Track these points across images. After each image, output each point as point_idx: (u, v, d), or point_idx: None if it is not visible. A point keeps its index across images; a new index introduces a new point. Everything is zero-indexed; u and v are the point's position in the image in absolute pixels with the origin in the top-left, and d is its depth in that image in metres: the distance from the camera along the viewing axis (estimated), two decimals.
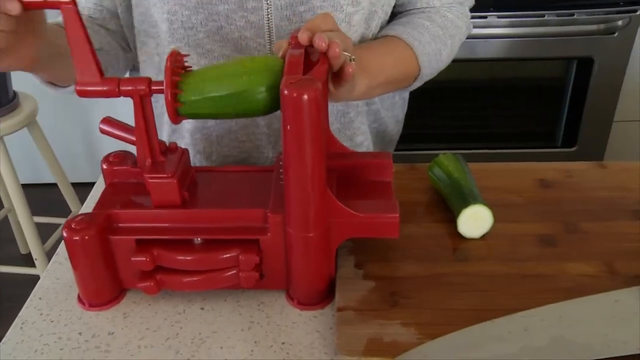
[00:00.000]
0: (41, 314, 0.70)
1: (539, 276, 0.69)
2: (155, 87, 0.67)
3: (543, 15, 1.86)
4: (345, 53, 0.69)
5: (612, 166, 0.88)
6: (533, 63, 2.01)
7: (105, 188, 0.75)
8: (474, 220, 0.74)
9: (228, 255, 0.68)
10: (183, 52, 0.86)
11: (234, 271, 0.68)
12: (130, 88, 0.67)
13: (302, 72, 0.62)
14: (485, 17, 1.85)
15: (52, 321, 0.69)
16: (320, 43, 0.63)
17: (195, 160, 0.96)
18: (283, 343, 0.66)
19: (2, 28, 0.61)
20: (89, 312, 0.70)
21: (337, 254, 0.73)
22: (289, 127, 0.60)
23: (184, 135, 0.96)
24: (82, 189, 0.93)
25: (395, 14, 0.98)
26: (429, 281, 0.69)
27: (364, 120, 0.98)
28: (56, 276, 0.75)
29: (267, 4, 0.82)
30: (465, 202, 0.74)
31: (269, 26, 0.83)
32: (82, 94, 0.67)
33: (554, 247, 0.73)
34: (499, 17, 1.85)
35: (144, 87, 0.67)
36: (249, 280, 0.68)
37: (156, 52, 0.90)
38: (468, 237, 0.75)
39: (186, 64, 0.69)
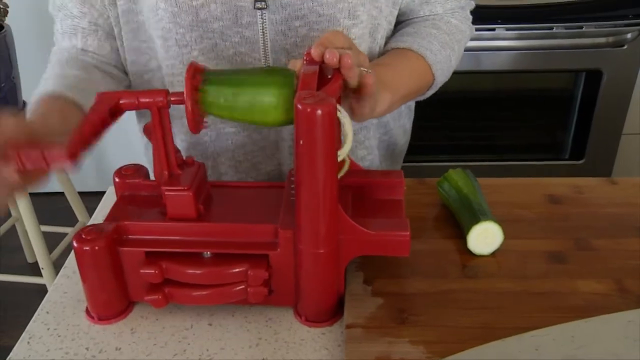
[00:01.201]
0: (48, 329, 0.70)
1: (549, 293, 0.69)
2: (174, 98, 0.67)
3: (552, 28, 1.86)
4: (362, 68, 0.69)
5: (622, 182, 0.87)
6: (541, 75, 2.01)
7: (117, 200, 0.75)
8: (484, 237, 0.74)
9: (237, 270, 0.68)
10: (176, 70, 0.87)
11: (243, 286, 0.68)
12: (148, 100, 0.67)
13: (316, 88, 0.62)
14: (493, 29, 1.85)
15: (59, 336, 0.69)
16: (331, 57, 0.63)
17: None
18: None
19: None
20: (96, 327, 0.70)
21: (346, 270, 0.72)
22: (301, 142, 0.59)
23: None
24: (89, 198, 0.93)
25: (397, 23, 0.98)
26: (437, 298, 0.69)
27: (369, 135, 0.98)
28: (64, 290, 0.75)
29: (262, 19, 0.82)
30: (475, 219, 0.74)
31: (264, 41, 0.83)
32: (100, 102, 0.67)
33: (564, 264, 0.73)
34: (507, 29, 1.85)
35: (161, 99, 0.67)
36: (257, 296, 0.68)
37: (148, 69, 0.90)
38: (477, 253, 0.74)
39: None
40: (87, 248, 0.67)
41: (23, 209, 1.76)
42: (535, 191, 0.86)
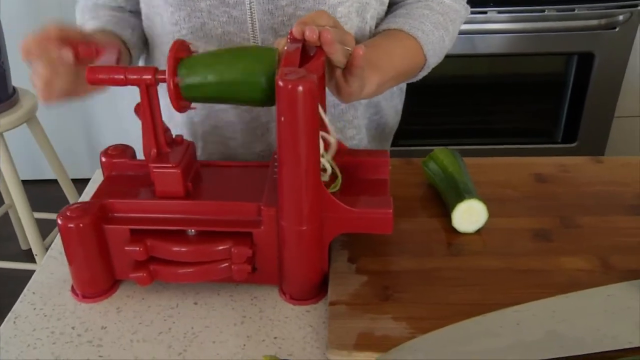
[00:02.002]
0: (34, 309, 0.70)
1: (533, 271, 0.69)
2: (160, 76, 0.67)
3: (543, 11, 1.85)
4: (347, 48, 0.69)
5: (608, 161, 0.87)
6: (533, 58, 2.01)
7: (104, 180, 0.75)
8: (469, 215, 0.74)
9: (221, 247, 0.68)
10: (166, 43, 0.87)
11: (227, 264, 0.68)
12: (136, 77, 0.67)
13: (298, 65, 0.62)
14: (485, 12, 1.84)
15: (45, 315, 0.69)
16: (311, 34, 0.63)
17: None
18: (275, 338, 0.65)
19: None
20: (82, 306, 0.70)
21: (330, 248, 0.73)
22: (283, 118, 0.59)
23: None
24: (83, 185, 0.94)
25: (392, 4, 0.98)
26: (422, 276, 0.69)
27: (357, 115, 0.98)
28: (50, 271, 0.75)
29: None
30: (460, 197, 0.74)
31: (252, 21, 0.83)
32: (92, 80, 0.67)
33: (549, 242, 0.73)
34: (499, 12, 1.84)
35: (150, 77, 0.66)
36: (241, 273, 0.68)
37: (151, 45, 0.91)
38: (462, 231, 0.75)
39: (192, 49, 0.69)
40: (72, 225, 0.67)
41: (16, 196, 1.76)
42: (522, 170, 0.86)
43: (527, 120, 2.11)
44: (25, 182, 1.84)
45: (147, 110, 0.68)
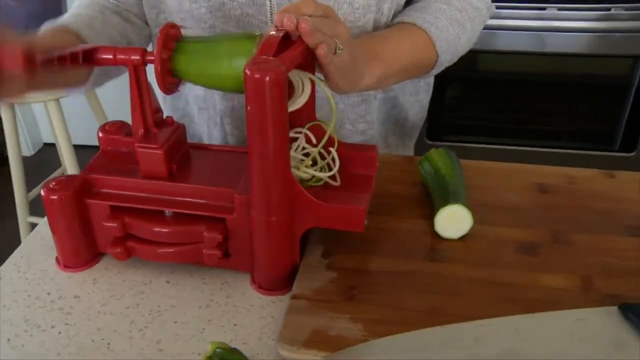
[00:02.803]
0: (19, 271, 0.73)
1: (509, 285, 0.66)
2: (149, 58, 0.67)
3: (609, 9, 1.75)
4: (337, 41, 0.67)
5: (621, 176, 0.82)
6: (596, 60, 1.91)
7: (97, 154, 0.77)
8: (453, 221, 0.71)
9: (194, 230, 0.69)
10: (187, 24, 0.88)
11: (199, 247, 0.69)
12: (124, 57, 0.68)
13: (276, 54, 0.62)
14: (543, 8, 1.76)
15: (26, 279, 0.72)
16: (288, 23, 0.62)
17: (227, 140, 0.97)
18: (235, 325, 0.66)
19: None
20: (62, 274, 0.73)
21: (307, 241, 0.72)
22: (249, 107, 0.59)
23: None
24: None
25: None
26: (393, 278, 0.68)
27: (370, 109, 0.96)
28: (41, 236, 0.78)
29: None
30: (445, 201, 0.72)
31: (270, 3, 0.82)
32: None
33: (534, 256, 0.70)
34: (559, 9, 1.76)
35: (138, 57, 0.67)
36: (211, 258, 0.69)
37: (157, 24, 0.91)
38: (445, 237, 0.72)
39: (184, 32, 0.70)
40: (54, 197, 0.69)
41: (68, 160, 1.84)
42: (525, 178, 0.82)
43: (585, 123, 2.01)
44: (77, 147, 1.92)
45: (135, 90, 0.69)
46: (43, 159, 2.87)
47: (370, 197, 0.70)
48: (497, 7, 1.78)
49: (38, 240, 0.78)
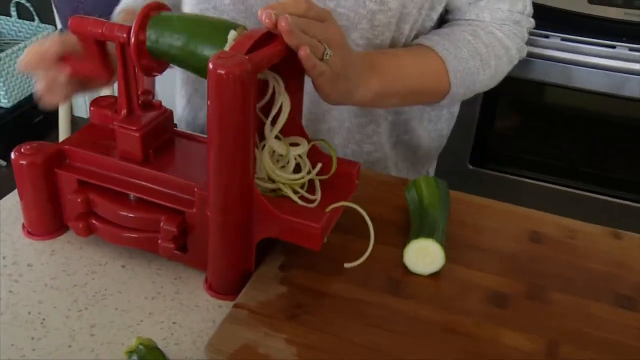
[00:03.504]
0: None
1: (466, 335, 0.61)
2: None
3: None
4: (326, 46, 0.64)
5: (629, 238, 0.75)
6: None
7: (85, 126, 0.77)
8: (423, 255, 0.67)
9: (153, 218, 0.67)
10: (210, 14, 0.86)
11: (154, 237, 0.67)
12: (110, 33, 0.67)
13: (251, 51, 0.59)
14: (613, 46, 1.66)
15: None
16: (266, 19, 0.59)
17: None
18: (174, 323, 0.64)
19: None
20: (24, 240, 0.72)
21: (269, 249, 0.69)
22: (209, 102, 0.57)
23: None
24: None
25: (444, 22, 0.90)
26: (346, 305, 0.64)
27: (378, 130, 0.92)
28: (17, 199, 0.78)
29: None
30: (418, 233, 0.67)
31: None
32: (73, 29, 0.68)
33: (502, 309, 0.64)
34: (630, 49, 1.65)
35: (124, 35, 0.66)
36: (165, 250, 0.67)
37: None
38: (413, 271, 0.68)
39: None
40: (24, 162, 0.69)
41: None
42: (521, 223, 0.76)
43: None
44: None
45: (121, 68, 0.68)
46: None
47: (337, 216, 0.66)
48: (565, 40, 1.69)
49: (13, 202, 0.78)
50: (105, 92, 1.37)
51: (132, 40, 0.64)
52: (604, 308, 0.65)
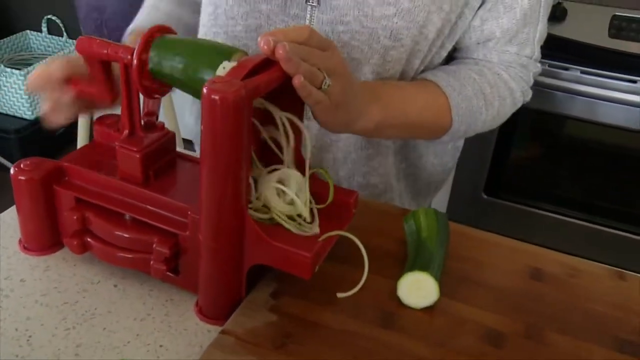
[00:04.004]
0: None
1: None
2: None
3: None
4: (326, 75, 0.63)
5: (633, 280, 0.72)
6: None
7: (88, 144, 0.77)
8: (417, 289, 0.65)
9: (147, 239, 0.66)
10: (220, 39, 0.86)
11: (147, 258, 0.66)
12: (114, 54, 0.67)
13: (247, 76, 0.59)
14: (635, 81, 1.64)
15: None
16: (263, 45, 0.59)
17: None
18: (161, 346, 0.63)
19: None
20: (19, 255, 0.72)
21: (259, 277, 0.68)
22: (202, 127, 0.56)
23: None
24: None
25: (452, 58, 0.90)
26: (335, 336, 0.62)
27: (385, 162, 0.91)
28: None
29: (311, 15, 0.79)
30: (413, 266, 0.66)
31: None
32: (80, 49, 0.69)
33: (497, 348, 0.62)
34: None
35: (128, 57, 0.67)
36: (157, 272, 0.66)
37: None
38: (406, 304, 0.66)
39: None
40: (22, 178, 0.69)
41: None
42: (521, 259, 0.74)
43: None
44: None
45: (125, 89, 0.68)
46: None
47: (331, 245, 0.65)
48: (584, 72, 1.67)
49: (13, 215, 0.78)
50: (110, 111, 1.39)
51: (135, 61, 0.64)
52: (603, 352, 0.63)
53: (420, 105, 0.79)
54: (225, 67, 0.59)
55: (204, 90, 0.55)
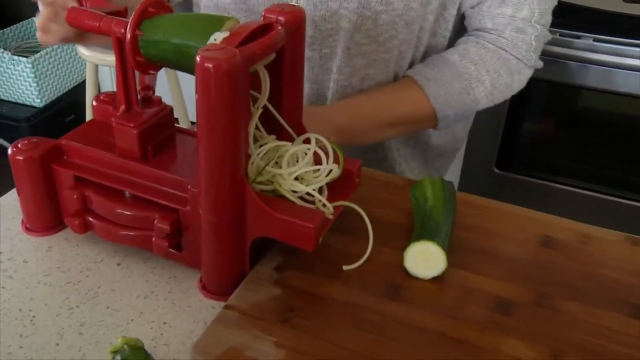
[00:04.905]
0: None
1: (465, 343, 0.58)
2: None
3: None
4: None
5: None
6: None
7: (86, 123, 0.76)
8: (424, 259, 0.64)
9: (148, 216, 0.65)
10: (210, 11, 0.85)
11: (149, 234, 0.66)
12: (107, 27, 0.66)
13: (242, 43, 0.57)
14: None
15: None
16: None
17: None
18: (165, 322, 0.62)
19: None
20: (22, 236, 0.72)
21: (265, 249, 0.67)
22: (197, 96, 0.55)
23: None
24: None
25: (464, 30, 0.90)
26: (340, 308, 0.61)
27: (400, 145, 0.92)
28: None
29: None
30: (420, 236, 0.64)
31: (297, 2, 0.79)
32: (70, 21, 0.67)
33: (507, 316, 0.61)
34: None
35: (122, 30, 0.65)
36: (159, 249, 0.66)
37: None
38: (413, 274, 0.65)
39: None
40: (20, 158, 0.68)
41: None
42: (532, 227, 0.72)
43: None
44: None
45: (118, 64, 0.67)
46: None
47: (335, 216, 0.64)
48: (597, 40, 1.63)
49: (15, 196, 0.78)
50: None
51: (129, 36, 0.62)
52: (616, 318, 0.61)
53: (389, 103, 0.82)
54: (216, 39, 0.58)
55: (197, 58, 0.53)
